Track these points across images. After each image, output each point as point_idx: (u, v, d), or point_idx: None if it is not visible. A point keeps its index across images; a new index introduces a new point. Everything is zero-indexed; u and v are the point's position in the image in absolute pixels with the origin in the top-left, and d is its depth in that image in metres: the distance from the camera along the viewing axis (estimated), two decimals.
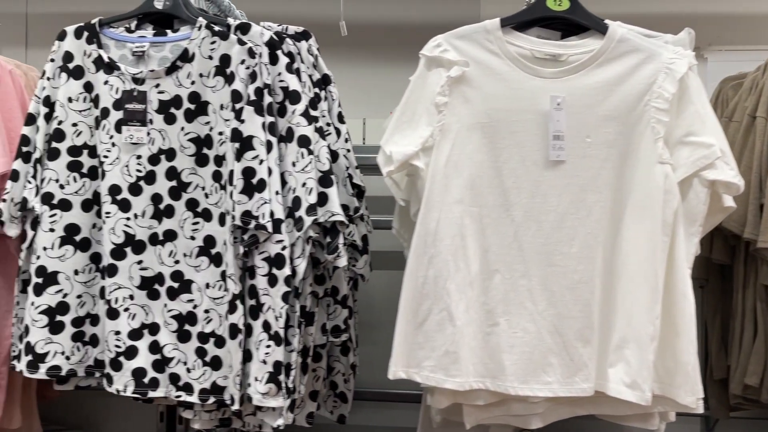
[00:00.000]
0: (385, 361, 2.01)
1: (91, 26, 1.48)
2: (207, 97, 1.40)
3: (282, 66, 1.36)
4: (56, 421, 2.15)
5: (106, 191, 1.44)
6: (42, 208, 1.45)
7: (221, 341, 1.39)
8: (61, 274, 1.45)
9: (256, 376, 1.32)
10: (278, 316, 1.30)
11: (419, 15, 2.14)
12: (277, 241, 1.31)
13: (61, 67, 1.48)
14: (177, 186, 1.43)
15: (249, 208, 1.32)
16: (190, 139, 1.42)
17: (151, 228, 1.44)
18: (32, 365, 1.43)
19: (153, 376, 1.42)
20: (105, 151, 1.45)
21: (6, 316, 1.60)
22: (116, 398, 2.17)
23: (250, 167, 1.33)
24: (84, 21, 1.48)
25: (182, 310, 1.42)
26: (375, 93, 2.06)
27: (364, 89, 2.07)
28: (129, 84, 1.44)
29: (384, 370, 1.97)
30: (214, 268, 1.40)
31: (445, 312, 1.30)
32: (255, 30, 1.39)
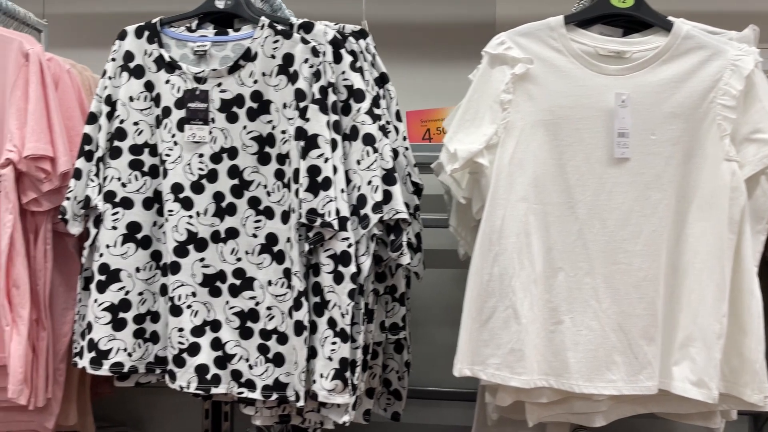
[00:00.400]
0: (435, 358, 2.02)
1: (151, 26, 1.49)
2: (269, 96, 1.41)
3: (346, 64, 1.37)
4: (102, 418, 2.17)
5: (169, 189, 1.45)
6: (105, 206, 1.46)
7: (284, 338, 1.40)
8: (123, 272, 1.46)
9: (321, 372, 1.33)
10: (344, 313, 1.31)
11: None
12: (343, 238, 1.31)
13: (122, 67, 1.49)
14: (239, 184, 1.44)
15: (314, 206, 1.32)
16: (253, 138, 1.43)
17: (213, 226, 1.45)
18: (95, 362, 1.44)
19: (215, 372, 1.43)
20: (167, 149, 1.46)
21: (64, 314, 1.62)
22: (161, 395, 2.21)
23: (315, 165, 1.33)
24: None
25: (244, 307, 1.43)
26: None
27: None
28: (190, 83, 1.45)
29: (434, 367, 1.99)
30: (276, 265, 1.41)
31: (511, 309, 1.30)
32: (318, 29, 1.39)
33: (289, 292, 1.40)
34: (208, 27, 1.50)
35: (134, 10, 2.22)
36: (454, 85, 2.13)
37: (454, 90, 2.11)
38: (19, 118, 1.48)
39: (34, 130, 1.47)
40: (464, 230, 1.52)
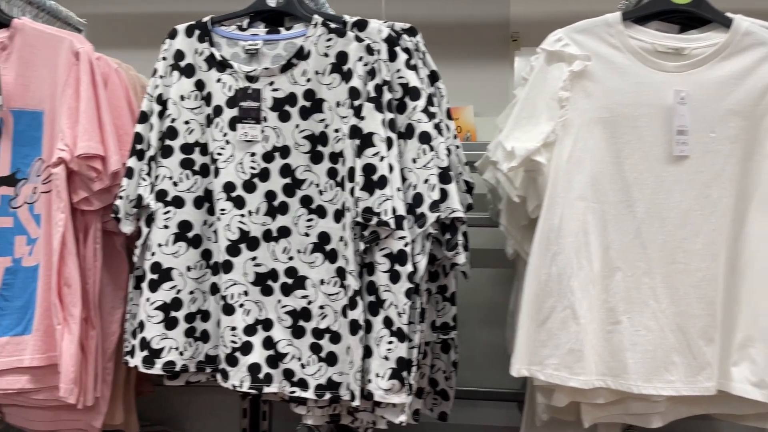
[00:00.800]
0: (474, 358, 2.01)
1: (202, 24, 1.49)
2: (322, 95, 1.41)
3: (401, 62, 1.36)
4: (141, 417, 2.17)
5: (221, 188, 1.45)
6: (156, 205, 1.46)
7: (337, 337, 1.39)
8: (175, 271, 1.46)
9: (377, 372, 1.32)
10: (401, 313, 1.30)
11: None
12: (400, 237, 1.31)
13: (172, 65, 1.49)
14: (291, 183, 1.43)
15: (370, 204, 1.32)
16: (305, 136, 1.42)
17: (265, 224, 1.45)
18: (148, 361, 1.45)
19: (267, 371, 1.43)
20: (218, 148, 1.46)
21: (112, 312, 1.62)
22: (199, 394, 2.21)
23: (370, 164, 1.33)
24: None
25: (296, 306, 1.43)
26: None
27: None
28: (242, 82, 1.45)
29: (473, 367, 1.98)
30: (328, 264, 1.41)
31: (569, 310, 1.29)
32: (373, 26, 1.39)
33: (342, 291, 1.39)
34: (259, 25, 1.50)
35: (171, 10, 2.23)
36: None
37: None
38: (70, 117, 1.49)
39: (86, 129, 1.47)
40: (515, 229, 1.51)
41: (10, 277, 1.53)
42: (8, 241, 1.53)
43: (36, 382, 1.52)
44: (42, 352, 1.51)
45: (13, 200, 1.53)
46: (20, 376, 1.52)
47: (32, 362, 1.51)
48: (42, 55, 1.53)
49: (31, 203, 1.53)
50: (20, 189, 1.53)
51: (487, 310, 2.05)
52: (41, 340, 1.51)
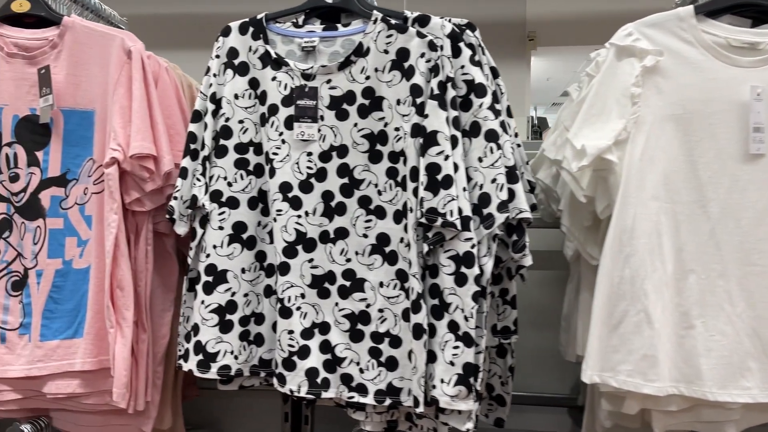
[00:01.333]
0: (522, 362, 1.97)
1: (257, 21, 1.46)
2: (382, 93, 1.37)
3: (465, 58, 1.32)
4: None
5: (277, 189, 1.42)
6: (211, 205, 1.44)
7: (397, 341, 1.36)
8: (230, 273, 1.43)
9: (442, 377, 1.28)
10: (468, 317, 1.26)
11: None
12: (466, 239, 1.27)
13: (225, 64, 1.46)
14: (349, 183, 1.40)
15: (434, 204, 1.28)
16: (364, 135, 1.39)
17: (322, 226, 1.41)
18: (203, 365, 1.42)
19: (324, 376, 1.39)
20: (274, 148, 1.43)
21: (162, 315, 1.59)
22: (239, 397, 2.18)
23: (434, 163, 1.29)
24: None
25: (354, 309, 1.39)
26: None
27: None
28: (298, 80, 1.42)
29: (527, 371, 1.94)
30: (388, 266, 1.37)
31: (643, 313, 1.25)
32: (435, 22, 1.35)
33: (403, 293, 1.36)
34: (315, 22, 1.46)
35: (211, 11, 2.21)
36: None
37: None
38: (122, 116, 1.46)
39: (139, 129, 1.44)
40: (577, 230, 1.47)
41: (61, 279, 1.50)
42: (59, 243, 1.50)
43: (87, 386, 1.50)
44: (93, 355, 1.49)
45: (63, 201, 1.51)
46: (71, 380, 1.50)
47: (84, 366, 1.48)
48: (93, 53, 1.50)
49: (82, 204, 1.51)
50: (70, 190, 1.51)
51: (536, 312, 2.01)
52: (92, 344, 1.48)
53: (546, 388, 1.98)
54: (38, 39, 1.52)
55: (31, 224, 1.51)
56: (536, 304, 2.02)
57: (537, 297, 2.03)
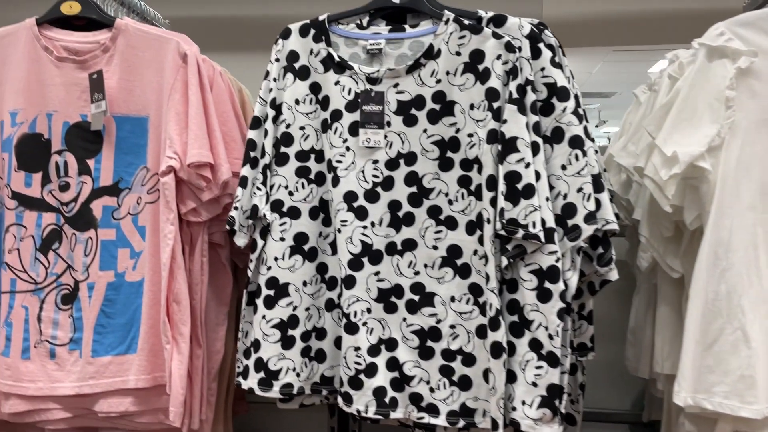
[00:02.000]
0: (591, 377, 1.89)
1: (319, 23, 1.40)
2: (453, 97, 1.30)
3: (546, 60, 1.25)
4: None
5: (341, 198, 1.35)
6: (272, 216, 1.37)
7: (470, 359, 1.29)
8: (291, 286, 1.37)
9: (523, 399, 1.21)
10: (553, 335, 1.19)
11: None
12: (550, 252, 1.19)
13: (285, 68, 1.40)
14: (417, 192, 1.33)
15: (514, 215, 1.21)
16: (434, 142, 1.32)
17: (388, 237, 1.34)
18: (265, 383, 1.35)
19: (392, 395, 1.32)
20: (338, 155, 1.36)
21: (216, 330, 1.53)
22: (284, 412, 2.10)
23: (514, 171, 1.22)
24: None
25: (424, 324, 1.32)
26: None
27: None
28: (363, 84, 1.35)
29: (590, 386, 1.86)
30: (460, 279, 1.30)
31: (740, 331, 1.17)
32: (512, 21, 1.28)
33: (476, 309, 1.29)
34: (380, 23, 1.40)
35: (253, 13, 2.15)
36: None
37: None
38: (178, 122, 1.40)
39: (197, 136, 1.38)
40: (656, 241, 1.39)
41: (113, 292, 1.44)
42: (111, 255, 1.44)
43: (140, 404, 1.44)
44: (147, 372, 1.43)
45: (115, 211, 1.45)
46: (123, 398, 1.44)
47: (137, 383, 1.42)
48: (146, 57, 1.44)
49: (135, 214, 1.45)
50: (123, 199, 1.45)
51: (600, 325, 1.93)
52: (147, 360, 1.42)
53: (606, 403, 1.90)
54: (89, 42, 1.46)
55: (83, 235, 1.45)
56: (601, 316, 1.95)
57: (601, 309, 1.95)
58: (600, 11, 1.27)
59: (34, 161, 1.45)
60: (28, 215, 1.45)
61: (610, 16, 1.33)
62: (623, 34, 1.29)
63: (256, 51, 1.83)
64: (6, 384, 1.43)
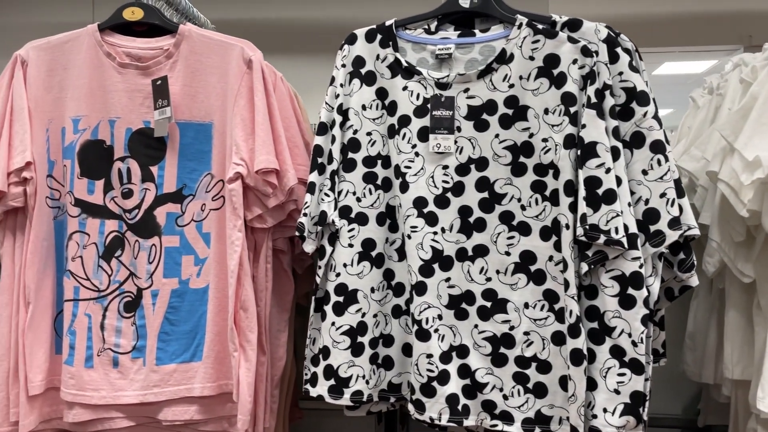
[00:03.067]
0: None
1: (385, 28, 1.39)
2: (527, 101, 1.29)
3: (624, 64, 1.24)
4: None
5: (410, 204, 1.34)
6: (341, 222, 1.36)
7: (546, 366, 1.28)
8: (360, 292, 1.36)
9: (605, 407, 1.20)
10: (637, 342, 1.18)
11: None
12: (633, 258, 1.18)
13: (352, 73, 1.39)
14: (489, 197, 1.32)
15: (595, 221, 1.20)
16: (506, 147, 1.31)
17: (458, 243, 1.33)
18: (335, 390, 1.34)
19: (464, 402, 1.31)
20: (407, 161, 1.35)
21: (278, 336, 1.52)
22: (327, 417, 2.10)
23: (594, 176, 1.21)
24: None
25: (496, 331, 1.31)
26: None
27: None
28: (432, 89, 1.34)
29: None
30: (534, 286, 1.29)
31: None
32: (588, 26, 1.27)
33: (552, 315, 1.28)
34: (449, 28, 1.39)
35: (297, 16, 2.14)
36: None
37: None
38: (244, 129, 1.39)
39: (264, 142, 1.37)
40: (727, 245, 1.38)
41: (177, 300, 1.43)
42: (175, 262, 1.44)
43: (205, 412, 1.43)
44: (213, 380, 1.42)
45: (179, 218, 1.44)
46: (188, 407, 1.43)
47: (203, 391, 1.41)
48: (210, 63, 1.43)
49: (199, 221, 1.44)
50: (187, 206, 1.44)
51: None
52: (212, 368, 1.41)
53: (657, 408, 1.89)
54: (152, 48, 1.45)
55: (146, 242, 1.44)
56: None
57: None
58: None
59: (96, 168, 1.45)
60: (90, 222, 1.44)
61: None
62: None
63: (300, 54, 1.82)
64: (70, 393, 1.42)
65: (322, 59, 1.98)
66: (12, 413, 1.42)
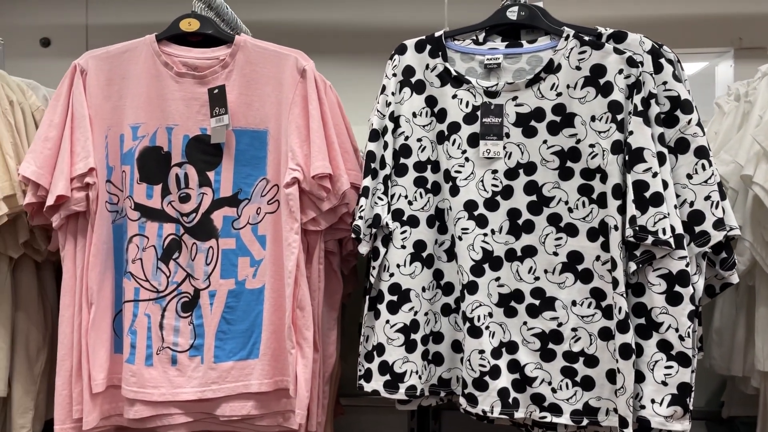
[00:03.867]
0: None
1: (435, 39, 1.45)
2: (573, 109, 1.36)
3: (668, 74, 1.31)
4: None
5: (461, 207, 1.41)
6: (394, 224, 1.43)
7: (593, 361, 1.34)
8: (412, 291, 1.42)
9: (652, 398, 1.27)
10: (684, 336, 1.25)
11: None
12: (680, 257, 1.26)
13: (402, 82, 1.46)
14: (537, 201, 1.39)
15: (643, 222, 1.27)
16: (554, 152, 1.38)
17: (507, 244, 1.40)
18: (391, 385, 1.40)
19: (514, 396, 1.38)
20: (457, 166, 1.42)
21: (329, 334, 1.58)
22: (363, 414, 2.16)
23: (642, 180, 1.28)
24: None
25: (545, 328, 1.38)
26: None
27: None
28: (481, 98, 1.41)
29: None
30: (581, 284, 1.36)
31: None
32: (633, 38, 1.34)
33: (599, 312, 1.34)
34: (496, 39, 1.46)
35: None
36: None
37: None
38: (299, 135, 1.45)
39: (320, 149, 1.43)
40: (759, 245, 1.45)
41: (234, 300, 1.49)
42: (231, 263, 1.49)
43: (262, 407, 1.49)
44: (269, 376, 1.47)
45: (235, 221, 1.50)
46: (246, 402, 1.48)
47: (260, 387, 1.47)
48: (265, 72, 1.49)
49: (255, 224, 1.49)
50: (242, 210, 1.50)
51: None
52: (269, 365, 1.47)
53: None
54: (208, 58, 1.51)
55: (204, 245, 1.49)
56: None
57: None
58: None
59: (154, 173, 1.50)
60: (149, 226, 1.50)
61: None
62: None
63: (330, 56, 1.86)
64: (132, 390, 1.47)
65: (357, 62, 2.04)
66: (75, 410, 1.47)
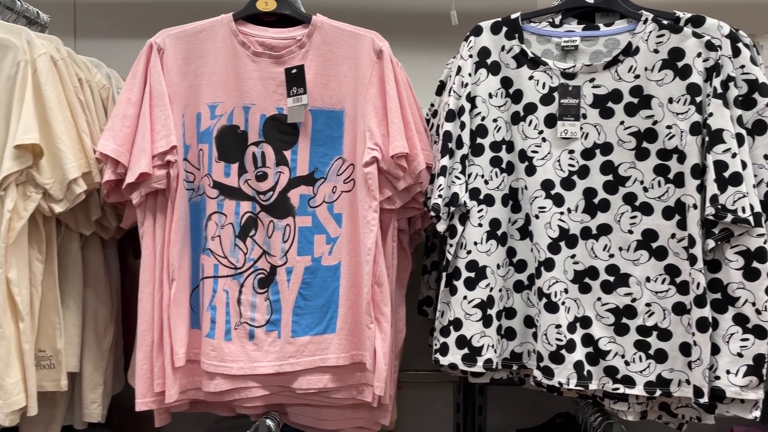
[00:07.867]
0: None
1: (511, 21, 1.48)
2: (651, 91, 1.40)
3: (745, 58, 1.35)
4: None
5: (538, 186, 1.45)
6: (471, 203, 1.46)
7: (666, 334, 1.39)
8: (488, 269, 1.47)
9: (728, 369, 1.33)
10: (761, 310, 1.30)
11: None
12: (758, 234, 1.31)
13: (478, 63, 1.49)
14: (613, 180, 1.43)
15: (723, 201, 1.31)
16: (631, 133, 1.41)
17: (583, 222, 1.44)
18: (469, 359, 1.45)
19: (588, 369, 1.43)
20: (533, 146, 1.45)
21: (398, 310, 1.62)
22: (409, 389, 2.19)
23: (721, 161, 1.32)
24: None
25: (619, 303, 1.43)
26: None
27: None
28: (558, 79, 1.44)
29: None
30: (655, 261, 1.41)
31: None
32: (711, 22, 1.38)
33: (673, 288, 1.39)
34: (572, 22, 1.49)
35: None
36: None
37: None
38: (376, 115, 1.48)
39: (398, 128, 1.46)
40: None
41: (310, 276, 1.52)
42: (308, 240, 1.52)
43: (338, 380, 1.53)
44: (346, 351, 1.51)
45: (311, 200, 1.53)
46: (322, 375, 1.52)
47: (337, 361, 1.51)
48: (341, 52, 1.51)
49: (331, 202, 1.52)
50: (318, 188, 1.52)
51: None
52: (346, 339, 1.51)
53: None
54: (285, 38, 1.53)
55: (281, 222, 1.52)
56: None
57: None
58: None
59: (232, 152, 1.52)
60: (227, 204, 1.52)
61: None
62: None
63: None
64: (212, 364, 1.50)
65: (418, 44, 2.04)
66: (156, 384, 1.51)
